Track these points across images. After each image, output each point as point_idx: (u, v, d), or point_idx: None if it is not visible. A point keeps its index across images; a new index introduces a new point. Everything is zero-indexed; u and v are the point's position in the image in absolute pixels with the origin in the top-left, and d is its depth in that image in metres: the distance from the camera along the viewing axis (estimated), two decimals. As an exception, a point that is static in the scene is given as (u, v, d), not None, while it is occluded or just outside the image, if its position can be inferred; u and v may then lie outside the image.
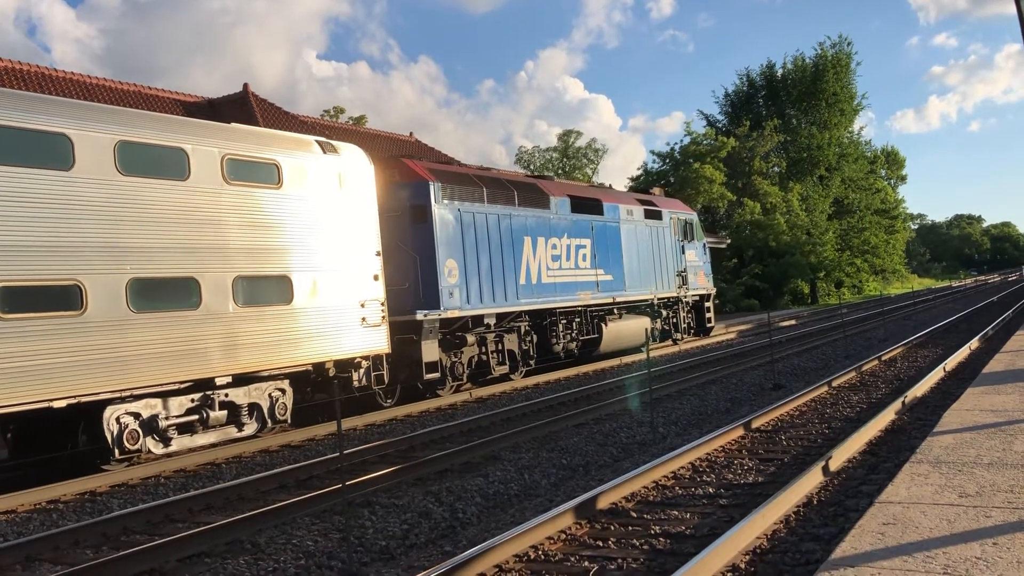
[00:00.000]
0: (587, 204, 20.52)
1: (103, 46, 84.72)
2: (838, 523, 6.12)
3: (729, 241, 46.86)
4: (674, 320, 24.54)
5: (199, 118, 24.28)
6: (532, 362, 18.26)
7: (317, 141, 13.35)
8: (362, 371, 13.49)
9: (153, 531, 7.57)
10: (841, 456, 8.05)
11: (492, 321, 16.69)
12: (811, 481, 7.16)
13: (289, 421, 12.39)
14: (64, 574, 5.96)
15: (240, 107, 26.20)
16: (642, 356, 21.67)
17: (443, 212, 15.78)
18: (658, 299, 23.28)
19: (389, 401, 14.99)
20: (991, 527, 4.61)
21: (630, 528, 6.46)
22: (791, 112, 58.17)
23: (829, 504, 6.72)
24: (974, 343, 17.76)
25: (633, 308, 22.13)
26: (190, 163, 11.34)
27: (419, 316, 14.75)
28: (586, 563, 5.70)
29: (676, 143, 53.98)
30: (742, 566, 5.40)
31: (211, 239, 11.45)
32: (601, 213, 20.96)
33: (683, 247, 24.91)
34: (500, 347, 17.18)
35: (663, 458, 8.24)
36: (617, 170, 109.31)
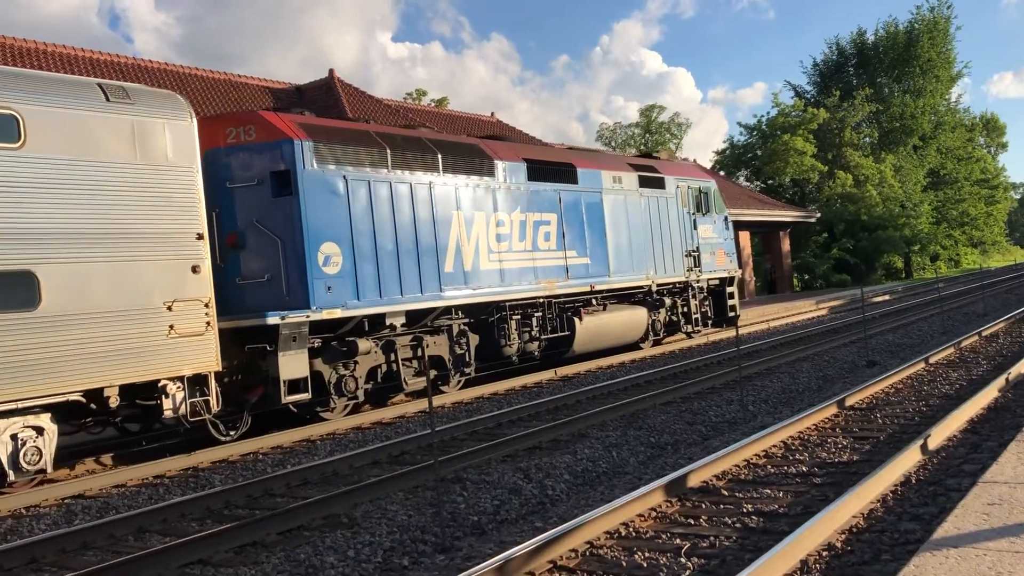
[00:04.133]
0: (552, 170, 16.36)
1: (181, 34, 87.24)
2: (939, 503, 5.96)
3: (819, 215, 45.62)
4: (684, 309, 19.94)
5: (287, 105, 24.86)
6: (470, 370, 14.41)
7: (99, 84, 9.99)
8: (174, 398, 9.89)
9: (254, 505, 7.85)
10: (940, 434, 7.82)
11: (399, 321, 12.95)
12: (909, 460, 6.98)
13: (49, 469, 9.06)
14: (174, 544, 6.25)
15: (326, 92, 26.64)
16: (721, 335, 21.00)
17: (318, 180, 11.87)
18: (658, 285, 18.76)
19: (231, 433, 11.04)
20: (1105, 508, 4.43)
21: (721, 506, 6.42)
22: (883, 80, 56.09)
23: (928, 483, 6.55)
24: (1083, 317, 16.95)
25: (625, 297, 18.10)
26: None
27: (272, 320, 10.97)
28: (678, 540, 5.70)
29: (763, 115, 52.59)
30: (838, 545, 5.32)
31: None
32: (574, 181, 16.70)
33: (695, 221, 20.24)
34: (420, 354, 13.44)
35: (754, 436, 8.15)
36: (699, 144, 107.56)
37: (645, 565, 5.29)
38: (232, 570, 5.94)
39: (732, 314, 21.34)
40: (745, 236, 40.75)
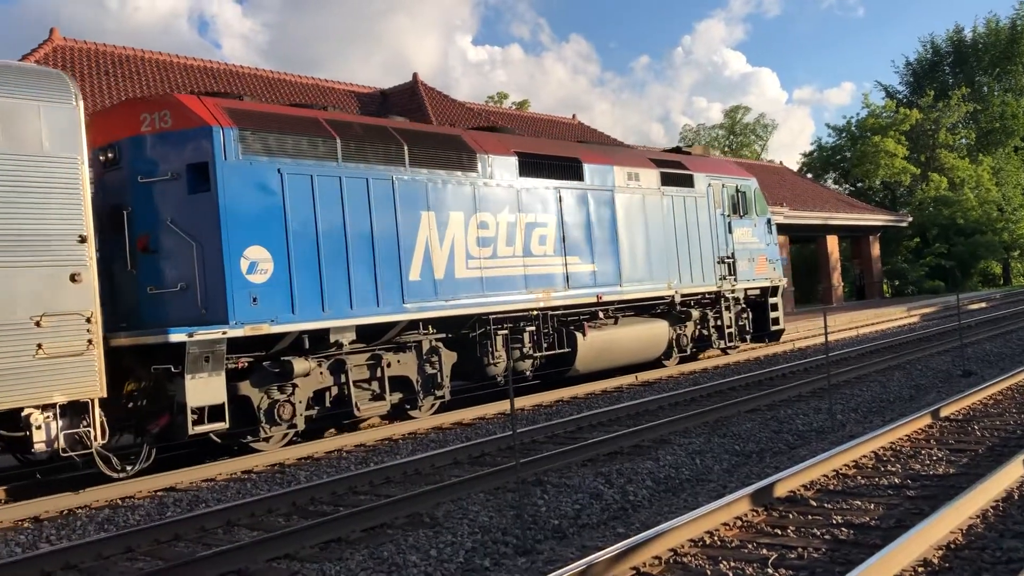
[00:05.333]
0: (552, 166, 14.37)
1: (267, 40, 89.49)
2: (1044, 520, 5.68)
3: (911, 219, 44.16)
4: (716, 323, 17.65)
5: (372, 109, 25.28)
6: (443, 392, 12.49)
7: None
8: (47, 429, 8.45)
9: (337, 502, 7.98)
10: (1045, 449, 7.45)
11: (348, 338, 11.20)
12: (1011, 474, 6.67)
13: None
14: (262, 538, 6.39)
15: (410, 96, 26.99)
16: (810, 341, 20.31)
17: (243, 174, 10.27)
18: (683, 296, 16.64)
19: (129, 468, 9.31)
20: None
21: (810, 517, 6.24)
22: (982, 79, 54.02)
23: (1032, 500, 6.25)
24: None
25: (643, 309, 16.17)
26: None
27: (176, 337, 9.39)
28: (764, 550, 5.56)
29: (852, 116, 51.27)
30: (935, 561, 5.11)
31: None
32: (578, 178, 14.74)
33: (729, 224, 18.00)
34: (379, 374, 11.68)
35: (844, 446, 7.91)
36: (784, 146, 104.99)
37: (731, 575, 5.17)
38: (317, 566, 6.04)
39: (775, 328, 19.22)
40: (833, 240, 39.73)
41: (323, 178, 11.01)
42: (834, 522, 6.05)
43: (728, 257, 17.81)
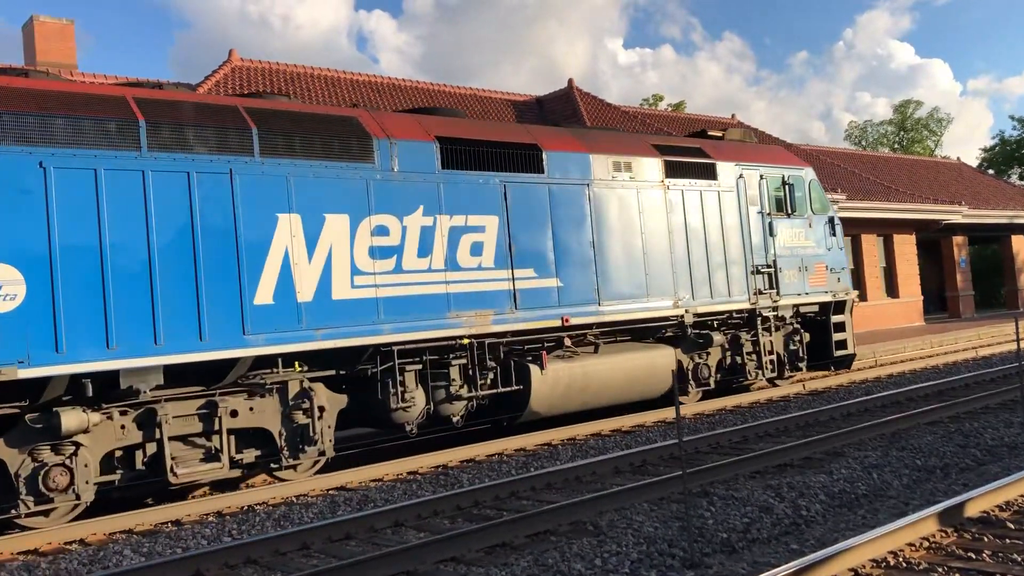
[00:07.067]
0: (492, 153, 11.36)
1: (421, 52, 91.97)
2: None
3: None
4: (751, 348, 14.24)
5: (529, 116, 25.53)
6: (323, 446, 9.79)
7: None
8: None
9: (501, 506, 8.02)
10: None
11: (150, 383, 8.55)
12: None
13: None
14: (430, 540, 6.49)
15: (565, 102, 27.07)
16: (994, 349, 18.40)
17: None
18: (698, 315, 13.26)
19: None
20: None
21: (1007, 540, 5.75)
22: None
23: None
24: None
25: (643, 333, 12.98)
26: None
27: None
28: (956, 575, 5.16)
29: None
30: None
31: None
32: (535, 169, 11.71)
33: (770, 224, 14.44)
34: (217, 427, 9.08)
35: (1043, 464, 7.26)
36: (960, 140, 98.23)
37: (920, 601, 4.83)
38: (483, 570, 6.08)
39: (845, 351, 15.34)
40: (1019, 240, 37.00)
41: (116, 172, 8.56)
42: (1037, 548, 5.55)
43: (767, 266, 14.28)
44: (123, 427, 8.65)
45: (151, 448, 8.79)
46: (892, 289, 30.45)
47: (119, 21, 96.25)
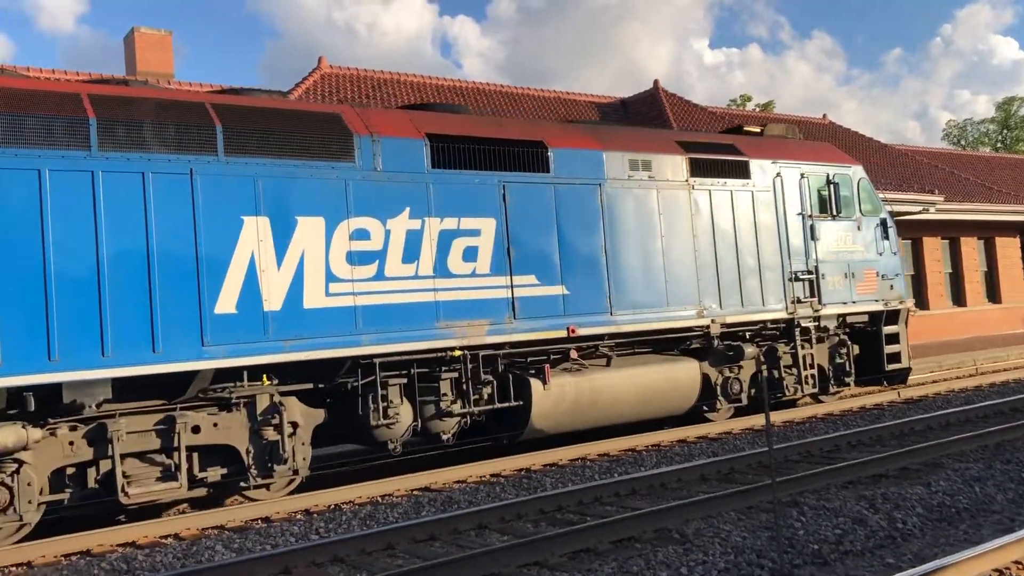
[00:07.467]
0: (490, 151, 10.70)
1: (504, 56, 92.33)
2: None
3: None
4: (789, 361, 13.14)
5: (614, 118, 25.37)
6: (296, 464, 9.26)
7: None
8: None
9: (584, 511, 7.95)
10: None
11: (96, 398, 8.07)
12: None
13: None
14: (513, 544, 6.47)
15: (650, 103, 26.80)
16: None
17: None
18: (726, 326, 12.38)
19: None
20: None
21: (1125, 561, 5.42)
22: None
23: None
24: None
25: (665, 344, 12.11)
26: None
27: None
28: (1068, 597, 4.89)
29: None
30: None
31: None
32: (541, 168, 11.04)
33: (812, 227, 13.40)
34: (176, 443, 8.53)
35: None
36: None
37: (1028, 622, 4.58)
38: (566, 575, 6.03)
39: (898, 364, 14.14)
40: None
41: (62, 173, 8.12)
42: None
43: (807, 272, 13.20)
44: (72, 443, 8.16)
45: (105, 466, 8.25)
46: (993, 294, 29.22)
47: (213, 32, 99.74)
